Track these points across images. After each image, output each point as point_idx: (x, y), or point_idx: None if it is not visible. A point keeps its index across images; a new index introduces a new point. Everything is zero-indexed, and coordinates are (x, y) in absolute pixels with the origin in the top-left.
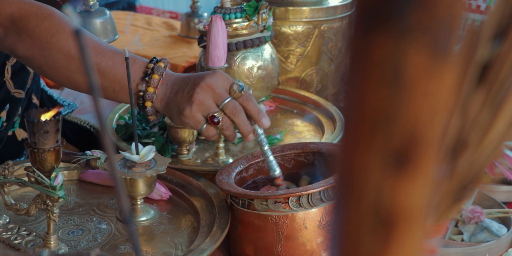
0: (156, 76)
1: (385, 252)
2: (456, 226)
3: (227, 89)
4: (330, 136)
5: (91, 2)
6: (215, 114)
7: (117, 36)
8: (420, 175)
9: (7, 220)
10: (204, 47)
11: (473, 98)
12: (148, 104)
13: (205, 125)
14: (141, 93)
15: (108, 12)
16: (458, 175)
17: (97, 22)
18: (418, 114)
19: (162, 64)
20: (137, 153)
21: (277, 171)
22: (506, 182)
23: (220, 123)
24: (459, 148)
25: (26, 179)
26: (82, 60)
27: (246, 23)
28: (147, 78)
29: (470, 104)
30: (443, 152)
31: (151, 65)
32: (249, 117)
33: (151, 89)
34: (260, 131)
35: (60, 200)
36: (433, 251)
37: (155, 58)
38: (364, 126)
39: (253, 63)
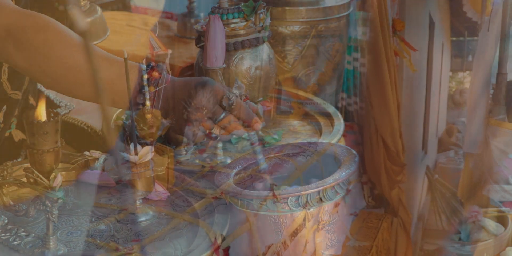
0: (151, 89)
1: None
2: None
3: (219, 101)
4: (328, 136)
5: (82, 3)
6: (212, 131)
7: (107, 34)
8: (441, 172)
9: (6, 221)
10: (202, 48)
11: (482, 98)
12: (148, 116)
13: (205, 139)
14: (140, 106)
15: (99, 9)
16: (469, 174)
17: (88, 20)
18: (439, 114)
19: (156, 74)
20: (136, 153)
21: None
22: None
23: (218, 138)
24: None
25: (25, 180)
26: (89, 62)
27: (243, 23)
28: (143, 91)
29: (479, 104)
30: (457, 150)
31: (146, 76)
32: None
33: (148, 103)
34: (252, 131)
35: (59, 200)
36: (441, 251)
37: (149, 64)
38: (386, 127)
39: (250, 63)
